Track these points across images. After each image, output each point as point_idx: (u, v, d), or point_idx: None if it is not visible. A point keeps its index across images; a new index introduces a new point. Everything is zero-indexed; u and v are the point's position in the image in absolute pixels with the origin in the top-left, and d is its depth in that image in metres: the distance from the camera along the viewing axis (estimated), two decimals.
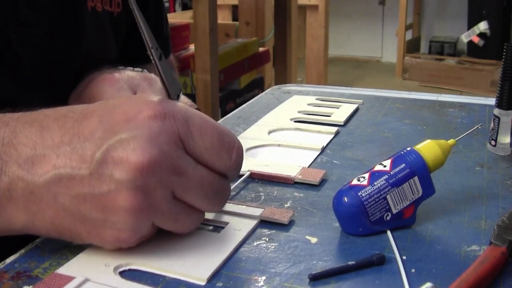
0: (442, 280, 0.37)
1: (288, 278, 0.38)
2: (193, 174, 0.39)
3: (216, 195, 0.41)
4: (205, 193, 0.40)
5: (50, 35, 0.58)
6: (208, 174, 0.40)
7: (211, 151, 0.40)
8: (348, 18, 4.76)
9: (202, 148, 0.39)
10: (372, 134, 0.67)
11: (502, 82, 0.58)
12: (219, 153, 0.40)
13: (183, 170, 0.38)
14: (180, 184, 0.38)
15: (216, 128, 0.40)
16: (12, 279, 0.38)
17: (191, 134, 0.39)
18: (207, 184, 0.40)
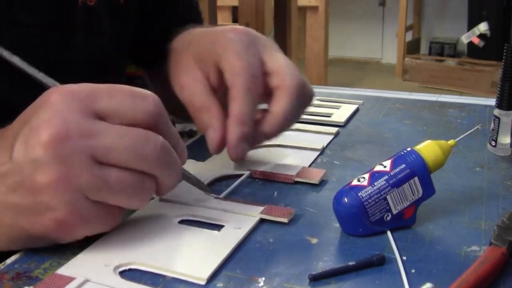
0: (442, 281, 0.37)
1: (288, 278, 0.38)
2: (107, 132, 0.38)
3: (144, 145, 0.39)
4: (129, 145, 0.39)
5: (45, 35, 0.58)
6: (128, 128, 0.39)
7: (126, 106, 0.40)
8: (348, 19, 4.76)
9: (115, 107, 0.40)
10: (372, 135, 0.67)
11: (502, 83, 0.58)
12: (134, 103, 0.40)
13: (95, 131, 0.38)
14: (97, 146, 0.38)
15: (125, 87, 0.41)
16: (12, 280, 0.38)
17: (98, 98, 0.39)
18: (129, 136, 0.39)
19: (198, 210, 0.47)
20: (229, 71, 0.52)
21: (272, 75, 0.53)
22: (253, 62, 0.52)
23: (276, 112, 0.52)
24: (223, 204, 0.48)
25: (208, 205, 0.48)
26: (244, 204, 0.48)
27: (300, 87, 0.53)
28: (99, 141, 0.38)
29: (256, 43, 0.54)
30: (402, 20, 4.10)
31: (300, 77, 0.53)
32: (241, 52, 0.52)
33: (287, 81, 0.52)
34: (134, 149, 0.39)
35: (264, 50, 0.54)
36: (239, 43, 0.52)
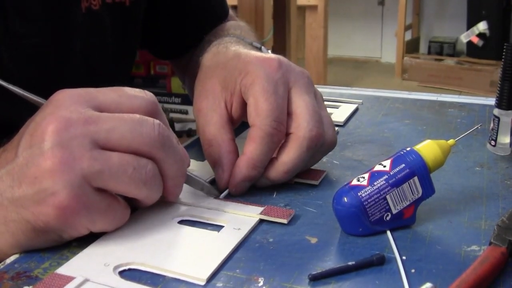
0: (442, 280, 0.37)
1: (288, 278, 0.38)
2: (108, 118, 0.40)
3: (142, 124, 0.41)
4: (128, 129, 0.41)
5: (42, 44, 0.57)
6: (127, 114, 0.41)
7: (124, 97, 0.43)
8: (347, 18, 4.76)
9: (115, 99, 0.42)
10: (371, 134, 0.67)
11: (501, 82, 0.58)
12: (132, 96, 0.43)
13: (96, 118, 0.40)
14: (97, 130, 0.40)
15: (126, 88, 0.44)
16: (12, 279, 0.38)
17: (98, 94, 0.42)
18: (127, 119, 0.41)
19: (198, 211, 0.47)
20: (253, 109, 0.49)
21: (291, 119, 0.50)
22: (280, 104, 0.49)
23: (283, 161, 0.50)
24: (223, 205, 0.48)
25: (208, 205, 0.48)
26: (243, 204, 0.48)
27: (315, 139, 0.50)
28: (100, 126, 0.40)
29: (287, 79, 0.51)
30: (401, 19, 4.10)
31: (318, 128, 0.50)
32: (269, 92, 0.49)
33: (301, 131, 0.49)
34: (133, 129, 0.41)
35: (293, 88, 0.51)
36: (268, 79, 0.50)
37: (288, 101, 0.50)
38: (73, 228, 0.40)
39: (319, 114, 0.51)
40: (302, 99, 0.50)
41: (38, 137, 0.39)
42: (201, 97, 0.53)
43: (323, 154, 0.54)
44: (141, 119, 0.41)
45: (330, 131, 0.52)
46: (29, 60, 0.56)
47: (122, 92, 0.43)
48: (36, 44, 0.57)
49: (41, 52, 0.57)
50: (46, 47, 0.58)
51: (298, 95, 0.51)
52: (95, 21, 0.63)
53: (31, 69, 0.57)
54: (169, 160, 0.43)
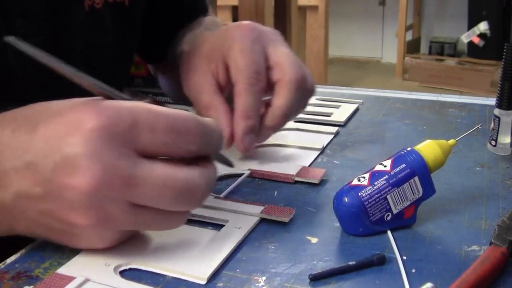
0: (442, 280, 0.37)
1: (289, 278, 0.38)
2: (150, 181, 0.36)
3: (183, 195, 0.38)
4: (168, 197, 0.37)
5: (45, 43, 0.57)
6: (168, 175, 0.37)
7: (168, 144, 0.37)
8: (348, 18, 4.76)
9: (157, 144, 0.37)
10: (372, 134, 0.67)
11: (502, 82, 0.58)
12: (176, 143, 0.37)
13: (136, 179, 0.36)
14: (136, 194, 0.36)
15: (167, 117, 0.37)
16: (12, 279, 0.38)
17: (140, 134, 0.36)
18: (169, 188, 0.37)
19: (198, 210, 0.47)
20: (233, 68, 0.54)
21: (274, 69, 0.55)
22: (257, 58, 0.54)
23: (277, 106, 0.54)
24: (223, 204, 0.48)
25: (208, 204, 0.48)
26: (244, 203, 0.48)
27: (301, 81, 0.54)
28: (140, 191, 0.36)
29: (262, 38, 0.56)
30: (402, 19, 4.09)
31: (301, 71, 0.55)
32: (246, 49, 0.54)
33: (287, 75, 0.54)
34: (173, 199, 0.37)
35: (269, 44, 0.56)
36: (244, 39, 0.54)
37: (267, 56, 0.55)
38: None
39: (299, 61, 0.56)
40: (281, 50, 0.55)
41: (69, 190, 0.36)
42: (189, 75, 0.58)
43: (307, 98, 0.58)
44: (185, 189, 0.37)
45: (309, 76, 0.57)
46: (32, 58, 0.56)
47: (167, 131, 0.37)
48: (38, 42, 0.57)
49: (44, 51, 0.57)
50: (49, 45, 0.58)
51: (276, 48, 0.55)
52: (97, 20, 0.63)
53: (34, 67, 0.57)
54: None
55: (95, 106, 0.37)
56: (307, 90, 0.57)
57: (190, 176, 0.38)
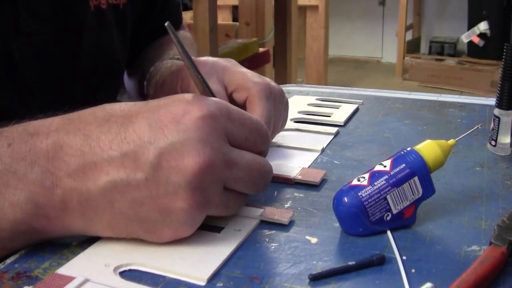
0: (442, 280, 0.37)
1: (288, 278, 0.38)
2: (241, 164, 0.41)
3: (263, 178, 0.43)
4: (253, 180, 0.42)
5: (52, 42, 0.58)
6: (254, 160, 0.42)
7: (251, 140, 0.42)
8: (348, 18, 4.76)
9: (243, 138, 0.42)
10: (372, 134, 0.67)
11: (502, 82, 0.58)
12: (256, 141, 0.43)
13: (233, 162, 0.40)
14: (231, 176, 0.41)
15: (251, 118, 0.43)
16: (12, 279, 0.38)
17: (233, 127, 0.41)
18: (255, 171, 0.42)
19: None
20: None
21: (239, 91, 0.56)
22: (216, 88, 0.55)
23: None
24: None
25: None
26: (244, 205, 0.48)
27: (266, 88, 0.55)
28: (234, 173, 0.41)
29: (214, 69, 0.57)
30: (402, 19, 4.10)
31: (262, 81, 0.56)
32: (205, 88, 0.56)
33: (251, 90, 0.55)
34: (256, 183, 0.43)
35: (224, 72, 0.57)
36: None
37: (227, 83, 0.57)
38: None
39: (256, 74, 0.58)
40: (237, 72, 0.57)
41: (177, 173, 0.38)
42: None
43: (282, 103, 0.59)
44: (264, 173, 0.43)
45: (272, 82, 0.58)
46: (39, 56, 0.57)
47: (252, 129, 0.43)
48: (46, 41, 0.57)
49: (51, 49, 0.58)
50: (56, 44, 0.58)
51: (233, 73, 0.57)
52: (102, 19, 0.64)
53: (41, 65, 0.58)
54: None
55: (197, 99, 0.40)
56: (276, 93, 0.57)
57: (266, 162, 0.44)
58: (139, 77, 0.75)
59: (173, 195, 0.38)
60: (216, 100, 0.42)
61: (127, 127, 0.39)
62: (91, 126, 0.40)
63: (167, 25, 0.41)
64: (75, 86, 0.63)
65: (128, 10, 0.70)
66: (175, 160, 0.38)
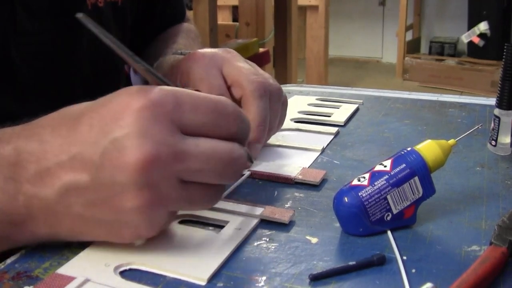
0: (442, 280, 0.37)
1: (289, 278, 0.38)
2: (196, 155, 0.37)
3: (228, 167, 0.39)
4: (214, 169, 0.38)
5: (50, 42, 0.58)
6: (213, 147, 0.38)
7: (209, 124, 0.39)
8: (348, 18, 4.76)
9: (199, 124, 0.38)
10: (372, 134, 0.67)
11: (502, 82, 0.58)
12: (218, 122, 0.39)
13: (185, 154, 0.37)
14: (186, 168, 0.37)
15: (208, 99, 0.39)
16: (12, 279, 0.38)
17: (184, 113, 0.38)
18: (215, 159, 0.38)
19: (199, 211, 0.47)
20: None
21: (234, 87, 0.56)
22: (214, 82, 0.55)
23: (251, 119, 0.54)
24: (224, 205, 0.48)
25: None
26: (244, 205, 0.48)
27: (261, 87, 0.55)
28: (188, 165, 0.37)
29: (214, 61, 0.57)
30: (402, 19, 4.10)
31: (258, 77, 0.55)
32: (203, 77, 0.56)
33: (246, 88, 0.54)
34: (219, 172, 0.39)
35: (223, 64, 0.57)
36: (199, 69, 0.56)
37: (225, 77, 0.56)
38: None
39: (254, 70, 0.57)
40: (235, 67, 0.56)
41: (121, 170, 0.36)
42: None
43: (279, 101, 0.58)
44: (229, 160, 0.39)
45: (270, 79, 0.57)
46: (37, 56, 0.57)
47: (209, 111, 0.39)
48: (44, 41, 0.57)
49: (49, 49, 0.58)
50: (54, 43, 0.58)
51: (230, 66, 0.56)
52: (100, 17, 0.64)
53: (39, 65, 0.57)
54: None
55: (139, 90, 0.38)
56: (273, 91, 0.56)
57: (232, 147, 0.39)
58: None
59: (121, 195, 0.36)
60: (162, 87, 0.38)
61: (75, 129, 0.38)
62: (46, 130, 0.39)
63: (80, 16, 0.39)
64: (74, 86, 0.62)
65: (128, 6, 0.70)
66: (117, 159, 0.36)
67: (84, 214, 0.38)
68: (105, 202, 0.37)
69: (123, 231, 0.39)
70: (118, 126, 0.36)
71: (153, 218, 0.38)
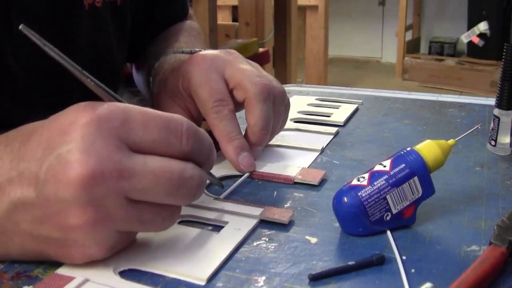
0: (442, 280, 0.37)
1: (288, 278, 0.38)
2: (143, 173, 0.36)
3: (178, 186, 0.37)
4: (163, 188, 0.37)
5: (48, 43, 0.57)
6: (162, 166, 0.37)
7: (160, 141, 0.37)
8: (348, 18, 4.76)
9: (149, 141, 0.37)
10: (372, 134, 0.67)
11: (502, 82, 0.58)
12: (168, 140, 0.38)
13: (131, 171, 0.36)
14: (132, 187, 0.36)
15: (159, 116, 0.38)
16: (12, 279, 0.38)
17: (132, 130, 0.37)
18: (164, 178, 0.37)
19: (198, 211, 0.47)
20: (197, 103, 0.56)
21: (237, 90, 0.56)
22: (215, 86, 0.55)
23: (252, 123, 0.55)
24: (223, 205, 0.48)
25: (208, 205, 0.48)
26: (244, 205, 0.48)
27: (265, 90, 0.55)
28: (135, 183, 0.36)
29: (215, 64, 0.56)
30: (402, 19, 4.10)
31: (262, 80, 0.55)
32: (203, 82, 0.55)
33: (249, 91, 0.54)
34: (170, 192, 0.37)
35: (225, 67, 0.56)
36: (199, 73, 0.56)
37: (227, 80, 0.56)
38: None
39: (257, 72, 0.56)
40: (237, 69, 0.56)
41: (64, 186, 0.35)
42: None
43: (282, 104, 0.58)
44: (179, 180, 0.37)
45: (274, 81, 0.57)
46: (33, 59, 0.56)
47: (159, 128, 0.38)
48: None
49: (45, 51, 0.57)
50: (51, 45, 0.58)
51: (233, 69, 0.56)
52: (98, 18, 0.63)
53: (35, 68, 0.57)
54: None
55: (87, 106, 0.37)
56: (276, 94, 0.56)
57: (184, 166, 0.38)
58: (145, 72, 0.74)
59: (65, 212, 0.35)
60: (112, 103, 0.38)
61: (25, 145, 0.37)
62: (1, 146, 0.39)
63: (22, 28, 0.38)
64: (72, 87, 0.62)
65: (127, 6, 0.69)
66: (60, 174, 0.35)
67: (32, 232, 0.37)
68: (50, 218, 0.36)
69: (72, 250, 0.38)
70: (64, 141, 0.35)
71: (100, 236, 0.37)
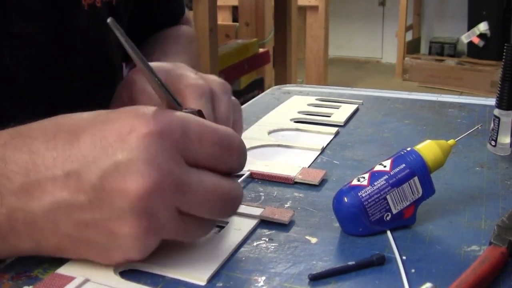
0: (442, 280, 0.37)
1: (288, 278, 0.38)
2: (197, 189, 0.36)
3: (226, 205, 0.38)
4: (213, 206, 0.37)
5: (45, 44, 0.56)
6: (215, 185, 0.37)
7: (213, 157, 0.38)
8: (348, 18, 4.76)
9: (204, 155, 0.37)
10: (372, 135, 0.67)
11: (502, 83, 0.58)
12: (221, 156, 0.38)
13: (187, 186, 0.36)
14: (186, 201, 0.36)
15: (215, 131, 0.38)
16: (12, 279, 0.38)
17: (190, 144, 0.36)
18: (215, 197, 0.37)
19: None
20: None
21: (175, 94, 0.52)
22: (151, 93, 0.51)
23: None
24: None
25: None
26: (244, 205, 0.48)
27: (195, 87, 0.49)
28: (189, 198, 0.36)
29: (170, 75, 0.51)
30: (402, 19, 4.10)
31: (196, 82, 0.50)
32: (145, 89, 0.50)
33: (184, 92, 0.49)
34: (217, 209, 0.38)
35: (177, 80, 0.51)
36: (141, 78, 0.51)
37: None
38: None
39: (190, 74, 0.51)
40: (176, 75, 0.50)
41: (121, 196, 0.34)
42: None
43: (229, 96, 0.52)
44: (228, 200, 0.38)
45: (210, 77, 0.52)
46: (32, 60, 0.56)
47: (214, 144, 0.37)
48: (38, 44, 0.56)
49: (44, 52, 0.57)
50: (49, 46, 0.57)
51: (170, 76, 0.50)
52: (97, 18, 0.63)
53: (34, 69, 0.57)
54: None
55: (146, 113, 0.36)
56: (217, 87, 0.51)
57: (234, 186, 0.39)
58: None
59: (118, 220, 0.35)
60: (170, 113, 0.37)
61: (72, 144, 0.36)
62: (37, 141, 0.37)
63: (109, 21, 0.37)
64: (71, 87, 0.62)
65: (122, 6, 0.69)
66: (118, 183, 0.34)
67: (74, 234, 0.36)
68: (99, 224, 0.36)
69: (113, 254, 0.37)
70: (122, 150, 0.35)
71: (147, 245, 0.37)
